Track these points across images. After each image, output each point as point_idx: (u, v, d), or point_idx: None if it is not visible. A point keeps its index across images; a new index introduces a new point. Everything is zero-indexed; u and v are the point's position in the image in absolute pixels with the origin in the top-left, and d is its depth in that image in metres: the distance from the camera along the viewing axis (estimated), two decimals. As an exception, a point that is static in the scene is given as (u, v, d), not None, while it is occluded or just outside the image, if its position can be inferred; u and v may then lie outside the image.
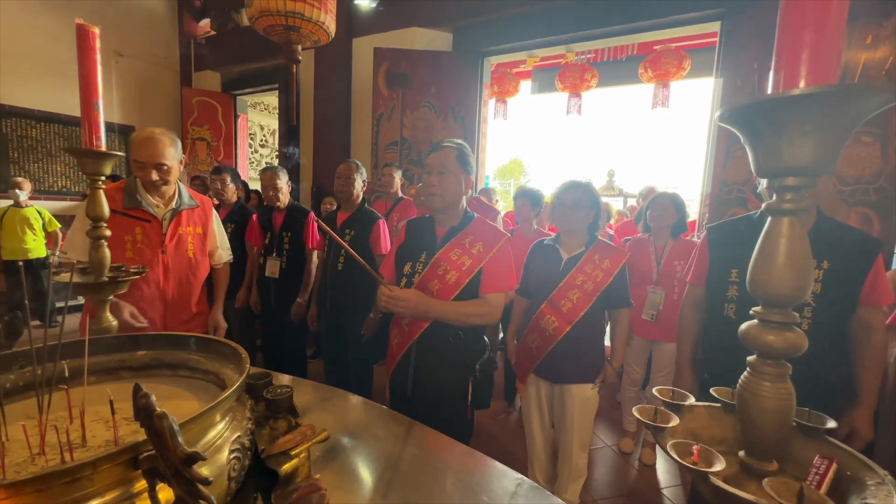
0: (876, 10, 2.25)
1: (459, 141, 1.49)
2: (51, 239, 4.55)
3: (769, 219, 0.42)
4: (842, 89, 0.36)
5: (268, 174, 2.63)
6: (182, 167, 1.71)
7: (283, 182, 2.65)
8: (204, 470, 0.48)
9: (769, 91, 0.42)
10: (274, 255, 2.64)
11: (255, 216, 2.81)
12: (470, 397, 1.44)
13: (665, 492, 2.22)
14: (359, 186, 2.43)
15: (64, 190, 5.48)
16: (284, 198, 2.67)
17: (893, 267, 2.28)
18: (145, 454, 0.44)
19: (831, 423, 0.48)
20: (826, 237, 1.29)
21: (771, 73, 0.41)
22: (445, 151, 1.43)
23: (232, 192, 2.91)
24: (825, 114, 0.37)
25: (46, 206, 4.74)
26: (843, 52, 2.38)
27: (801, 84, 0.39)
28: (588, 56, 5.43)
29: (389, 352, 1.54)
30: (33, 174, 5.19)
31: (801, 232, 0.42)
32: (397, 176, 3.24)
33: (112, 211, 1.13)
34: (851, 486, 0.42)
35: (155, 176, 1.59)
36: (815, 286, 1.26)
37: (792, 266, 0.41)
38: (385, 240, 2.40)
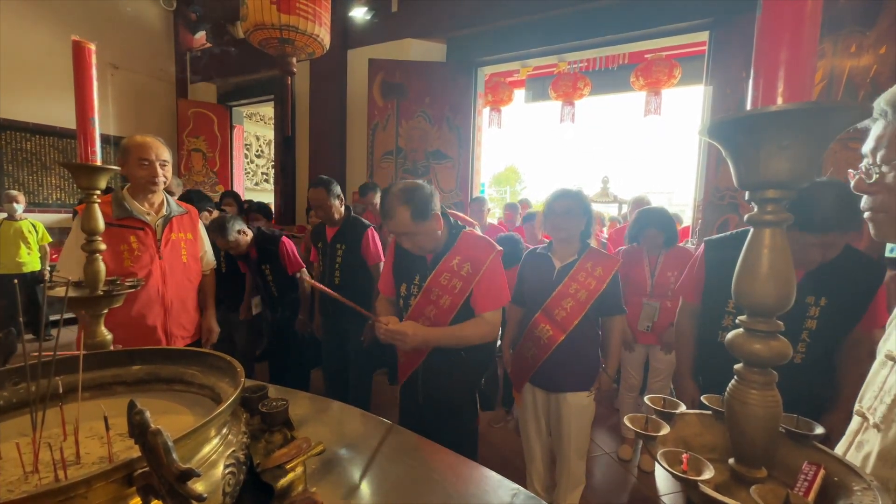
0: (859, 19, 2.31)
1: (406, 189, 1.32)
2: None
3: (751, 230, 0.44)
4: (817, 106, 0.38)
5: (218, 222, 2.40)
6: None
7: (235, 230, 2.41)
8: (199, 486, 0.48)
9: (749, 105, 0.43)
10: (255, 291, 2.68)
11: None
12: (478, 405, 1.47)
13: (664, 499, 2.22)
14: (337, 205, 2.35)
15: (59, 202, 5.46)
16: (246, 237, 2.48)
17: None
18: (140, 471, 0.44)
19: (819, 430, 0.49)
20: (826, 273, 1.21)
21: (749, 90, 0.43)
22: (398, 217, 1.29)
23: (206, 219, 2.65)
24: (801, 129, 0.39)
25: (41, 219, 4.73)
26: (829, 60, 2.43)
27: (779, 101, 0.41)
28: (580, 65, 5.50)
29: (399, 364, 1.55)
30: (28, 187, 5.18)
31: (782, 242, 0.43)
32: (378, 198, 3.31)
33: (105, 223, 1.14)
34: (839, 491, 0.43)
35: (160, 172, 1.66)
36: (810, 323, 1.22)
37: (775, 276, 0.42)
38: (376, 248, 2.39)
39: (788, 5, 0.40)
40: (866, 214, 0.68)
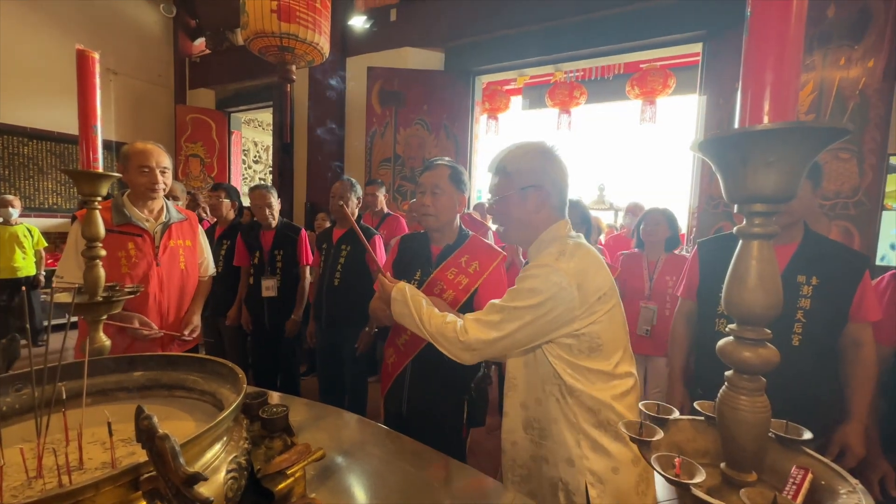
0: (847, 34, 2.37)
1: (452, 160, 1.50)
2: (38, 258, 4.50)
3: (740, 242, 0.45)
4: (800, 126, 0.40)
5: (261, 192, 2.62)
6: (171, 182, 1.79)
7: (275, 200, 2.66)
8: (203, 491, 0.49)
9: (737, 123, 0.46)
10: (267, 273, 2.63)
11: (238, 235, 2.76)
12: (465, 416, 1.44)
13: (661, 506, 2.22)
14: (353, 204, 2.46)
15: (55, 207, 5.44)
16: (275, 216, 2.67)
17: (874, 279, 2.34)
18: (146, 475, 0.45)
19: (807, 435, 0.50)
20: (814, 253, 1.30)
21: (737, 109, 0.45)
22: (438, 171, 1.44)
23: (227, 209, 2.91)
24: (786, 147, 0.41)
25: (37, 224, 4.70)
26: (819, 72, 2.48)
27: (765, 120, 0.43)
28: (576, 74, 5.57)
29: (384, 371, 1.54)
30: (24, 191, 5.16)
31: (770, 254, 0.45)
32: (381, 194, 3.28)
33: (105, 230, 1.14)
34: (825, 495, 0.44)
35: (160, 178, 1.67)
36: (804, 302, 1.27)
37: (763, 287, 0.44)
38: (381, 255, 2.42)
39: (773, 31, 0.42)
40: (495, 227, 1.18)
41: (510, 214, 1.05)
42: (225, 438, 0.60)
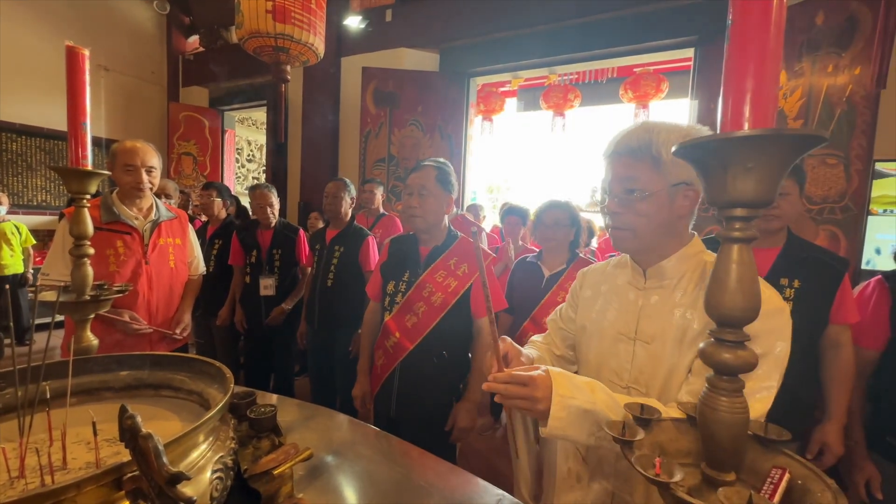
0: (835, 41, 2.41)
1: (441, 160, 1.49)
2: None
3: (721, 245, 0.46)
4: (779, 133, 0.41)
5: (262, 192, 2.61)
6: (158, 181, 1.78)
7: (276, 200, 2.67)
8: (187, 490, 0.49)
9: (718, 129, 0.46)
10: (266, 272, 2.62)
11: (234, 234, 2.74)
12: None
13: None
14: (347, 204, 2.46)
15: (44, 204, 5.37)
16: (275, 215, 2.68)
17: (861, 283, 2.38)
18: (129, 475, 0.45)
19: (786, 435, 0.51)
20: (796, 257, 1.34)
21: (718, 116, 0.46)
22: (425, 172, 1.43)
23: (219, 209, 2.89)
24: (765, 153, 0.42)
25: (25, 221, 4.64)
26: (808, 79, 2.52)
27: (745, 126, 0.44)
28: (571, 77, 5.60)
29: (374, 372, 1.55)
30: (12, 188, 5.09)
31: (749, 258, 0.45)
32: (378, 192, 3.26)
33: (93, 227, 1.13)
34: (802, 494, 0.45)
35: (145, 178, 1.66)
36: (787, 304, 1.31)
37: (742, 290, 0.45)
38: (374, 256, 2.42)
39: (753, 39, 0.43)
40: (610, 230, 0.88)
41: (653, 216, 0.79)
42: (211, 438, 0.59)
